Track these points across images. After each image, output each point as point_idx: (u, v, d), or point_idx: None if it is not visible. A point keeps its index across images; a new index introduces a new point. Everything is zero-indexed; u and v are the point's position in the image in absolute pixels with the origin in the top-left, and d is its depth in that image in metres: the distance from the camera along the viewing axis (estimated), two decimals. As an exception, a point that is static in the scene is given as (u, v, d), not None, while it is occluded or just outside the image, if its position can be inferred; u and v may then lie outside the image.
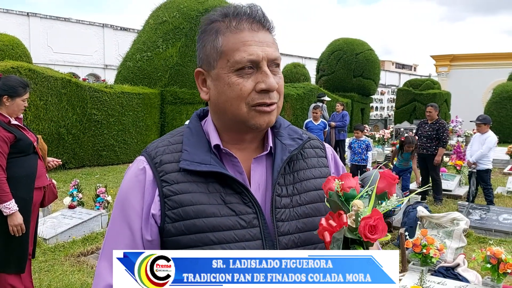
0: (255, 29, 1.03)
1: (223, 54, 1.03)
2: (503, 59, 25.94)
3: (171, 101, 12.71)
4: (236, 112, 1.03)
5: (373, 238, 0.83)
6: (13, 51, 10.73)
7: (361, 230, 0.83)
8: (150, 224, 1.03)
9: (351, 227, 0.85)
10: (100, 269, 1.05)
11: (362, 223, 0.83)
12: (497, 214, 6.35)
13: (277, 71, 1.06)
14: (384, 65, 40.61)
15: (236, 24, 1.03)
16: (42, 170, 3.42)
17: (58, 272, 4.45)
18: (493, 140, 7.31)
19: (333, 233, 0.85)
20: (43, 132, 9.11)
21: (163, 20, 13.16)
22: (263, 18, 1.05)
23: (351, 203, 0.89)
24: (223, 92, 1.04)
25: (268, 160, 1.11)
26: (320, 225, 0.88)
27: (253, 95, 1.02)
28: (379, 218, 0.84)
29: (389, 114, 31.90)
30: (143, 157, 1.09)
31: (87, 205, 6.35)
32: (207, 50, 1.06)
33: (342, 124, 11.21)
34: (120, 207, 1.07)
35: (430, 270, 4.28)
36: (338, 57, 23.15)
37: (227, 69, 1.02)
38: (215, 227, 1.00)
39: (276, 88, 1.03)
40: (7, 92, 3.18)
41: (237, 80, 1.01)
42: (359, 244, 0.86)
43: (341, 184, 0.91)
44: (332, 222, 0.86)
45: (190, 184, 1.02)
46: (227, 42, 1.02)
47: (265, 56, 1.02)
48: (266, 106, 1.03)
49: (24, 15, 23.32)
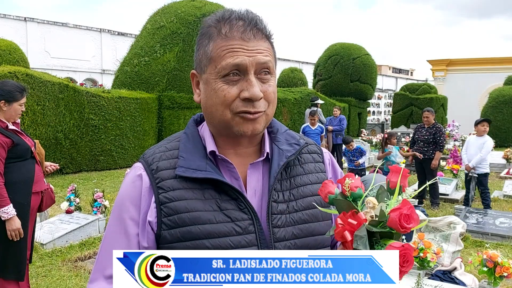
0: (246, 37, 1.01)
1: (212, 60, 1.03)
2: (499, 64, 26.06)
3: (168, 106, 12.71)
4: (221, 118, 1.03)
5: (409, 227, 0.83)
6: (10, 56, 10.72)
7: (394, 221, 0.83)
8: (146, 231, 1.03)
9: (373, 222, 0.85)
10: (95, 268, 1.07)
11: (394, 215, 0.84)
12: (493, 218, 6.36)
13: (267, 78, 1.04)
14: (381, 70, 40.75)
15: (226, 31, 1.02)
16: (39, 175, 3.41)
17: (55, 277, 4.44)
18: (491, 144, 7.32)
19: (354, 231, 0.85)
20: (40, 137, 9.09)
21: (161, 25, 13.18)
22: (256, 26, 1.03)
23: (358, 202, 0.90)
24: (210, 97, 1.04)
25: (265, 165, 1.11)
26: (338, 225, 0.87)
27: (237, 103, 1.01)
28: (410, 208, 0.84)
29: (386, 119, 31.99)
30: (140, 163, 1.09)
31: (84, 210, 6.33)
32: (200, 54, 1.07)
33: (339, 128, 11.25)
34: (117, 214, 1.07)
35: (427, 273, 4.29)
36: (335, 61, 23.21)
37: (215, 75, 1.02)
38: (210, 233, 1.00)
39: (260, 97, 1.01)
40: (4, 97, 3.18)
41: (222, 87, 1.01)
42: (385, 237, 0.86)
43: (351, 183, 0.91)
44: (352, 220, 0.85)
45: (186, 191, 1.02)
46: (216, 48, 1.02)
47: (252, 62, 1.00)
48: (250, 114, 1.02)
49: (21, 20, 23.34)
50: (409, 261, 0.83)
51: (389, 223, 0.84)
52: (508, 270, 3.77)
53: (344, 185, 0.91)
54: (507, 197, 8.64)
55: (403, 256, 0.82)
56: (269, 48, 1.05)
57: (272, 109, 1.07)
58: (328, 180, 1.00)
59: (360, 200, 0.90)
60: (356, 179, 0.92)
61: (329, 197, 0.95)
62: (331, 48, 24.04)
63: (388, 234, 0.86)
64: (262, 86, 1.03)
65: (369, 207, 0.87)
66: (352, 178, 0.92)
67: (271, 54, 1.05)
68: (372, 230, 0.85)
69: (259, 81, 1.02)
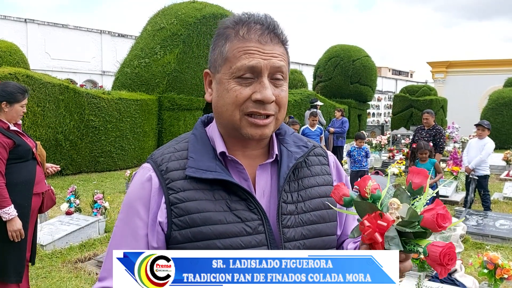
0: (263, 40, 1.02)
1: (227, 60, 1.04)
2: (499, 66, 26.08)
3: (168, 107, 12.72)
4: (230, 118, 1.04)
5: (446, 226, 0.85)
6: (10, 57, 10.74)
7: (431, 221, 0.85)
8: (156, 231, 1.03)
9: (403, 223, 0.86)
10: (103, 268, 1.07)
11: (429, 215, 0.85)
12: (494, 219, 6.36)
13: (280, 83, 1.05)
14: (380, 72, 40.78)
15: (244, 33, 1.03)
16: (40, 176, 3.41)
17: (55, 278, 4.43)
18: (492, 146, 7.32)
19: (383, 233, 0.85)
20: (40, 139, 9.09)
21: (161, 26, 13.20)
22: (274, 31, 1.05)
23: (377, 203, 0.91)
24: (222, 96, 1.05)
25: (273, 167, 1.12)
26: (367, 227, 0.87)
27: (248, 103, 1.02)
28: (444, 207, 0.86)
29: (386, 120, 32.01)
30: (149, 164, 1.09)
31: (84, 212, 6.33)
32: (215, 54, 1.08)
33: (341, 131, 11.26)
34: (125, 214, 1.08)
35: (427, 275, 4.29)
36: (335, 63, 23.25)
37: (229, 75, 1.03)
38: (221, 234, 1.01)
39: (272, 100, 1.02)
40: (6, 98, 3.18)
41: (235, 87, 1.02)
42: (415, 237, 0.87)
43: (372, 185, 0.92)
44: (382, 222, 0.86)
45: (196, 192, 1.03)
46: (232, 49, 1.03)
47: (266, 65, 1.01)
48: (259, 119, 1.03)
49: (21, 21, 23.36)
50: (453, 259, 0.84)
51: (424, 223, 0.86)
52: (509, 272, 3.77)
53: (366, 188, 0.92)
54: (507, 199, 8.64)
55: (448, 254, 0.84)
56: (284, 53, 1.07)
57: (283, 114, 1.08)
58: (340, 182, 1.01)
59: (379, 202, 0.91)
60: (374, 181, 0.93)
61: (345, 199, 0.96)
62: (331, 50, 24.08)
63: (420, 234, 0.87)
64: (275, 90, 1.04)
65: (393, 208, 0.88)
66: (369, 180, 0.93)
67: (285, 60, 1.07)
68: (405, 230, 0.86)
69: (272, 85, 1.04)
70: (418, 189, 0.93)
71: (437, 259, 0.84)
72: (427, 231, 0.87)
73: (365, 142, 8.94)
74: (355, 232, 0.91)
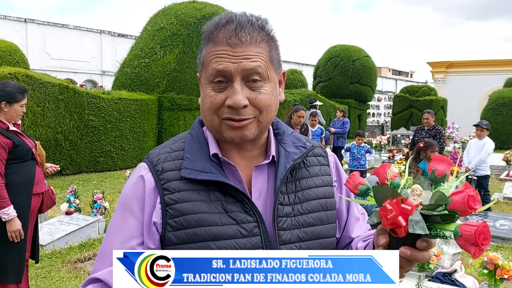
0: (232, 43, 0.98)
1: (204, 65, 1.04)
2: (499, 66, 26.09)
3: (168, 107, 12.72)
4: (211, 123, 1.04)
5: (476, 208, 0.83)
6: (10, 57, 10.74)
7: (461, 203, 0.83)
8: (152, 232, 1.02)
9: (430, 206, 0.85)
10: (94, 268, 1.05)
11: (458, 197, 0.83)
12: (494, 220, 6.36)
13: (258, 85, 1.00)
14: (380, 72, 40.78)
15: (215, 36, 1.00)
16: (40, 176, 3.41)
17: (55, 278, 4.43)
18: (491, 146, 7.33)
19: (407, 217, 0.83)
20: (40, 138, 9.09)
21: (161, 26, 13.20)
22: (245, 30, 0.99)
23: (399, 189, 0.90)
24: (203, 101, 1.05)
25: (270, 168, 1.10)
26: (389, 210, 0.84)
27: (223, 109, 1.01)
28: (473, 189, 0.84)
29: (386, 120, 32.01)
30: (145, 163, 1.09)
31: (84, 211, 6.33)
32: (199, 58, 1.08)
33: (341, 131, 11.28)
34: (120, 213, 1.07)
35: (427, 276, 4.28)
36: (335, 63, 23.27)
37: (206, 80, 1.03)
38: (216, 236, 0.99)
39: (242, 105, 0.98)
40: (5, 98, 3.18)
41: (210, 93, 1.01)
42: (445, 221, 0.85)
43: (393, 172, 0.92)
44: (406, 206, 0.83)
45: (192, 193, 1.02)
46: (207, 53, 1.02)
47: (237, 68, 0.98)
48: (235, 121, 1.00)
49: (21, 21, 23.37)
50: (488, 238, 0.82)
51: (453, 206, 0.84)
52: (509, 272, 3.76)
53: (387, 174, 0.92)
54: (507, 199, 8.64)
55: (483, 233, 0.81)
56: (260, 52, 1.01)
57: (266, 116, 1.04)
58: (356, 171, 1.00)
59: (398, 190, 0.90)
60: (394, 170, 0.94)
61: (361, 188, 0.94)
62: (331, 50, 24.10)
63: (447, 217, 0.85)
64: (251, 93, 1.00)
65: (415, 194, 0.88)
66: (388, 168, 0.94)
67: (264, 59, 1.01)
68: (431, 214, 0.84)
69: (248, 88, 1.00)
70: (441, 176, 0.92)
71: (471, 239, 0.80)
72: (455, 214, 0.84)
73: (364, 142, 8.96)
74: (374, 217, 0.89)
